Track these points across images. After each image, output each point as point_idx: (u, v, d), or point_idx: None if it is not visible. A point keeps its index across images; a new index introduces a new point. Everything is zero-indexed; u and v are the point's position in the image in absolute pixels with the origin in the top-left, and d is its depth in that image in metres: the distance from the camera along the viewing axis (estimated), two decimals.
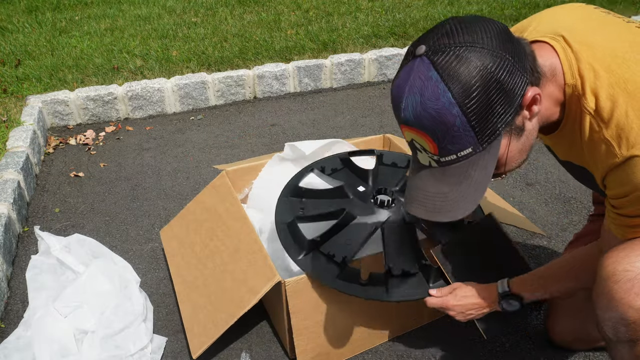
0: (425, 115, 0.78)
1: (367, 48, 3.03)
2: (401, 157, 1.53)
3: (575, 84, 0.84)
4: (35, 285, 1.46)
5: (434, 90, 0.76)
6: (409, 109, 0.79)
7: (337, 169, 1.49)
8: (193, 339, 1.28)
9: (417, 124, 0.79)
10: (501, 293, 1.07)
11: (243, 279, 1.24)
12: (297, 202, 1.38)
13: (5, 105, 2.40)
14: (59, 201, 1.96)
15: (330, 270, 1.18)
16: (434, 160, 0.83)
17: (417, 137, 0.81)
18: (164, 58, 2.86)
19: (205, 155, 2.26)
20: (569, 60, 0.84)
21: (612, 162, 0.82)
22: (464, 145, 0.80)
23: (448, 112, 0.76)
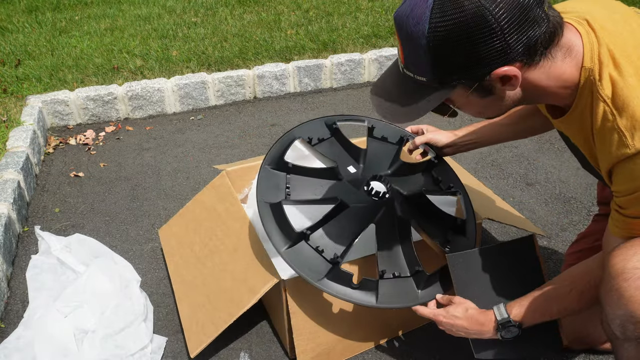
0: (404, 28, 0.82)
1: (367, 48, 3.03)
2: (394, 132, 1.46)
3: (592, 69, 0.82)
4: (36, 285, 1.46)
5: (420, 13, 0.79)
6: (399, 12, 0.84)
7: (324, 138, 1.39)
8: (191, 337, 1.28)
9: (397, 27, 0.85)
10: (500, 321, 1.04)
11: (243, 278, 1.24)
12: (282, 177, 1.27)
13: (5, 105, 2.40)
14: (59, 201, 1.96)
15: (318, 267, 1.13)
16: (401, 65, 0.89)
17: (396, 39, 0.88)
18: (164, 58, 2.86)
19: (205, 155, 2.26)
20: (590, 44, 0.83)
21: (622, 153, 0.81)
22: (422, 72, 0.84)
23: (419, 39, 0.80)
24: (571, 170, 2.04)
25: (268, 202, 1.21)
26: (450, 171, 1.42)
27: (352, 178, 1.32)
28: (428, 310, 1.13)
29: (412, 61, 0.84)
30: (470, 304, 1.10)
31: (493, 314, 1.05)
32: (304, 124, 1.39)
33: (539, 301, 1.03)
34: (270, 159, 1.29)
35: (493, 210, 1.50)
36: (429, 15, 0.78)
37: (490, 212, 1.44)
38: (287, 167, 1.27)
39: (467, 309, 1.09)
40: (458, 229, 1.29)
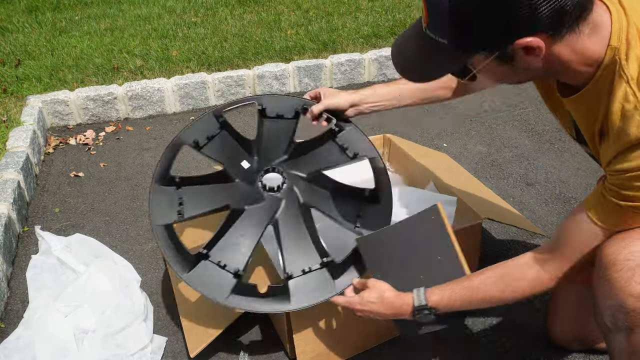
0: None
1: (367, 48, 3.03)
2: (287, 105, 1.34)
3: (619, 48, 0.80)
4: (36, 284, 1.46)
5: None
6: None
7: (214, 135, 1.29)
8: (191, 337, 1.28)
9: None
10: (417, 306, 1.02)
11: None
12: (173, 193, 1.20)
13: (5, 105, 2.40)
14: (59, 201, 1.96)
15: (223, 283, 1.09)
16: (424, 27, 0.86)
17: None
18: (164, 58, 2.86)
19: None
20: (620, 22, 0.80)
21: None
22: (442, 34, 0.81)
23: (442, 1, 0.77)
24: (571, 170, 2.04)
25: (162, 224, 1.16)
26: (357, 134, 1.32)
27: (246, 175, 1.25)
28: (342, 299, 1.11)
29: (434, 22, 0.81)
30: (385, 287, 1.07)
31: (411, 298, 1.04)
32: (192, 124, 1.31)
33: (461, 291, 1.01)
34: (158, 174, 1.22)
35: (493, 210, 1.50)
36: None
37: (490, 212, 1.44)
38: (175, 181, 1.21)
39: (383, 292, 1.06)
40: (369, 199, 1.23)
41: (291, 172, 1.25)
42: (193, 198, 1.20)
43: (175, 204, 1.19)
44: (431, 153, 1.84)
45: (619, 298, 0.84)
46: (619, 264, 0.84)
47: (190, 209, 1.19)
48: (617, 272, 0.84)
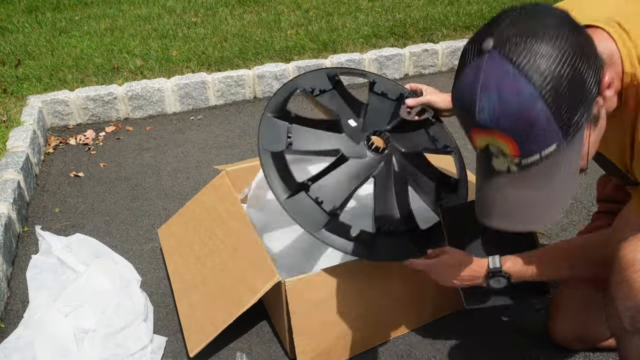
0: (505, 114, 0.70)
1: (367, 48, 3.02)
2: (393, 88, 1.44)
3: (634, 73, 0.79)
4: (36, 284, 1.46)
5: (513, 85, 0.69)
6: (485, 110, 0.71)
7: (325, 89, 1.35)
8: (190, 337, 1.28)
9: (496, 125, 0.71)
10: (492, 269, 1.04)
11: (242, 278, 1.24)
12: (283, 126, 1.24)
13: (5, 105, 2.40)
14: (58, 201, 1.96)
15: (317, 217, 1.14)
16: (514, 164, 0.75)
17: (495, 140, 0.73)
18: (164, 58, 2.86)
19: (205, 155, 2.26)
20: (627, 48, 0.79)
21: None
22: (548, 142, 0.72)
23: (532, 107, 0.69)
24: None
25: (270, 150, 1.20)
26: (446, 131, 1.43)
27: (353, 132, 1.30)
28: (419, 261, 1.13)
29: (532, 141, 0.71)
30: (461, 253, 1.10)
31: (486, 262, 1.06)
32: (306, 74, 1.36)
33: (533, 261, 1.03)
34: (272, 107, 1.26)
35: None
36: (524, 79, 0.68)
37: None
38: (289, 116, 1.26)
39: (460, 256, 1.09)
40: (451, 187, 1.32)
41: (392, 141, 1.32)
42: (303, 136, 1.24)
43: (284, 136, 1.22)
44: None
45: (638, 299, 0.82)
46: (638, 264, 0.82)
47: (300, 144, 1.23)
48: (636, 272, 0.82)
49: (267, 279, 1.18)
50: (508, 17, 0.72)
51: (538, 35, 0.69)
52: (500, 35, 0.70)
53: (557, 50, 0.68)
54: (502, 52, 0.69)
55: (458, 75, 0.76)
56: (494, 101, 0.70)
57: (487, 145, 0.76)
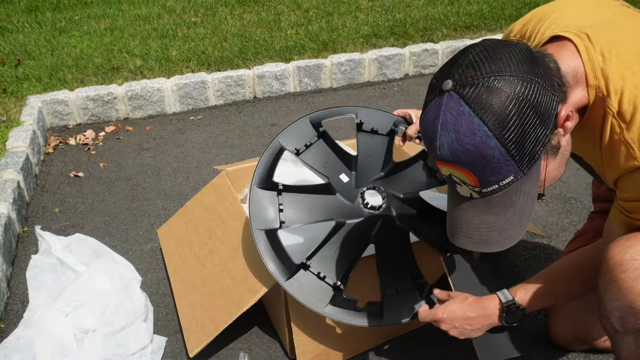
0: (462, 151, 0.76)
1: (367, 48, 3.02)
2: (383, 120, 1.36)
3: (598, 85, 0.82)
4: (36, 284, 1.46)
5: (468, 126, 0.75)
6: (444, 146, 0.77)
7: (311, 142, 1.30)
8: (190, 337, 1.28)
9: (455, 160, 0.77)
10: (505, 304, 1.01)
11: (242, 278, 1.24)
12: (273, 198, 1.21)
13: (5, 105, 2.40)
14: (58, 201, 1.96)
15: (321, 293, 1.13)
16: (475, 192, 0.82)
17: (456, 172, 0.80)
18: (164, 58, 2.85)
19: (205, 155, 2.26)
20: (591, 61, 0.83)
21: (630, 165, 0.81)
22: (505, 174, 0.78)
23: (486, 145, 0.75)
24: (571, 170, 2.04)
25: (263, 229, 1.17)
26: None
27: (346, 189, 1.27)
28: (426, 312, 1.10)
29: (490, 173, 0.77)
30: (468, 295, 1.07)
31: (497, 298, 1.03)
32: (289, 128, 1.30)
33: (544, 285, 1.01)
34: (259, 178, 1.23)
35: None
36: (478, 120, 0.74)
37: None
38: (277, 187, 1.22)
39: (466, 297, 1.06)
40: None
41: (388, 190, 1.29)
42: (294, 206, 1.21)
43: (275, 210, 1.19)
44: None
45: (627, 299, 0.83)
46: (625, 264, 0.83)
47: (292, 216, 1.19)
48: (624, 272, 0.83)
49: (267, 279, 1.18)
50: (468, 58, 0.77)
51: (494, 77, 0.74)
52: (459, 76, 0.76)
53: (512, 92, 0.73)
54: (460, 94, 0.75)
55: (423, 109, 0.81)
56: (452, 139, 0.76)
57: (450, 175, 0.82)
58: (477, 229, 0.85)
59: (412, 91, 2.86)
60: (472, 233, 0.85)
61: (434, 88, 0.80)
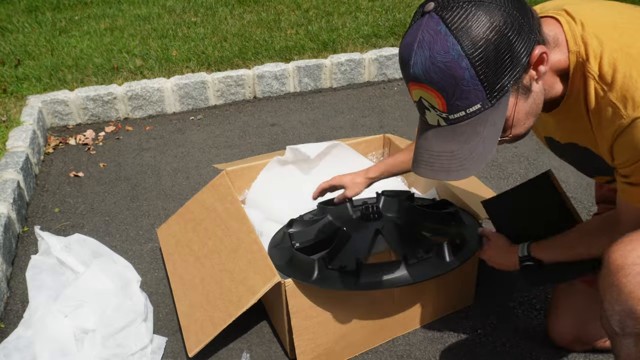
0: (434, 70, 0.77)
1: (367, 48, 3.02)
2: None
3: (579, 51, 0.85)
4: (36, 284, 1.46)
5: (443, 44, 0.76)
6: (417, 64, 0.79)
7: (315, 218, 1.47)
8: (190, 337, 1.28)
9: (426, 79, 0.79)
10: (521, 257, 1.13)
11: (242, 278, 1.24)
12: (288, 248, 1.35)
13: (5, 105, 2.40)
14: (58, 201, 1.96)
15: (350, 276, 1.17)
16: (442, 118, 0.83)
17: (426, 93, 0.81)
18: (164, 58, 2.85)
19: (205, 155, 2.26)
20: (572, 30, 0.86)
21: (618, 125, 0.82)
22: (473, 100, 0.79)
23: (457, 64, 0.76)
24: (571, 170, 2.04)
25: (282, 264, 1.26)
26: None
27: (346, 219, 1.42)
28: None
29: (458, 97, 0.79)
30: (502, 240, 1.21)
31: (517, 250, 1.15)
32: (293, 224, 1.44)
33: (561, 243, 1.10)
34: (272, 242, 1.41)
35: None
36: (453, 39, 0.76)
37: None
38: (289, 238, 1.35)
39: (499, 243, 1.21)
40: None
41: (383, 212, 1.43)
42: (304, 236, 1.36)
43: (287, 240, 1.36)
44: None
45: (628, 304, 0.82)
46: (627, 268, 0.83)
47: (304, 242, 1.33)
48: (625, 276, 0.83)
49: (267, 279, 1.18)
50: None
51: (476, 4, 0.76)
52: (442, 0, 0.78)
53: (490, 17, 0.76)
54: (440, 15, 0.77)
55: (404, 34, 0.84)
56: (425, 56, 0.78)
57: (420, 98, 0.83)
58: (439, 156, 0.86)
59: None
60: (433, 160, 0.87)
61: (416, 13, 0.82)
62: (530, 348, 1.31)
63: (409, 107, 2.66)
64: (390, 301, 1.29)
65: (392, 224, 1.32)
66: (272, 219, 1.53)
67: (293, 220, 1.42)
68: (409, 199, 1.43)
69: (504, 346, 1.33)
